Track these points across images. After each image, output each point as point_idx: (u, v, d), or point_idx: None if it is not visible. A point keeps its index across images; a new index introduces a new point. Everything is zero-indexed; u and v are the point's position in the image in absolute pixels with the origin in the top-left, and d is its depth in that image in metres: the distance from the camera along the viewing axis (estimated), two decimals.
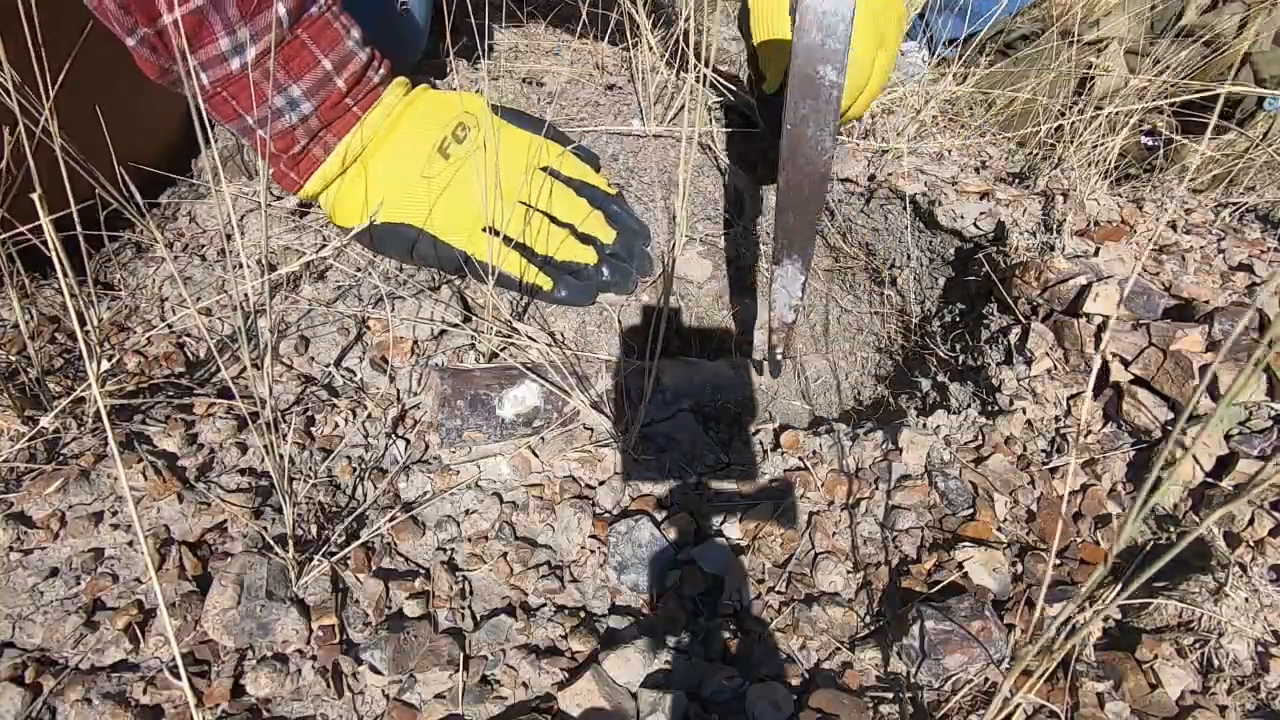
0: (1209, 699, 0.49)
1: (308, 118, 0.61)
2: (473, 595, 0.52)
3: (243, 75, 0.57)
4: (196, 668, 0.46)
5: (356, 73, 0.62)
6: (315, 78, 0.60)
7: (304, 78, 0.60)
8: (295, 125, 0.61)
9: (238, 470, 0.55)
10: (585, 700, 0.46)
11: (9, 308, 0.63)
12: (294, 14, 0.58)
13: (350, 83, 0.62)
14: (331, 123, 0.63)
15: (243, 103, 0.59)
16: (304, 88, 0.60)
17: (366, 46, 0.63)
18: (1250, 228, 0.85)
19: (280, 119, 0.60)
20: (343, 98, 0.62)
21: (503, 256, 0.65)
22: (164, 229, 0.74)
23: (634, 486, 0.59)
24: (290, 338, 0.63)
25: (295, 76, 0.59)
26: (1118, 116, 0.90)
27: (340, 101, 0.62)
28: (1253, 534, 0.57)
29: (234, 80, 0.57)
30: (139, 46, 0.54)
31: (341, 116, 0.63)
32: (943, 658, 0.49)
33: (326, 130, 0.63)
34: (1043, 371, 0.69)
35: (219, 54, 0.55)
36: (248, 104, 0.59)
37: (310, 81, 0.60)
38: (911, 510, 0.59)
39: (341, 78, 0.61)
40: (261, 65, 0.57)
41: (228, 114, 0.60)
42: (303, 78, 0.60)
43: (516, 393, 0.60)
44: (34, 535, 0.49)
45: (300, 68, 0.59)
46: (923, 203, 0.86)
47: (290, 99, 0.60)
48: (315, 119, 0.61)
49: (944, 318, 0.85)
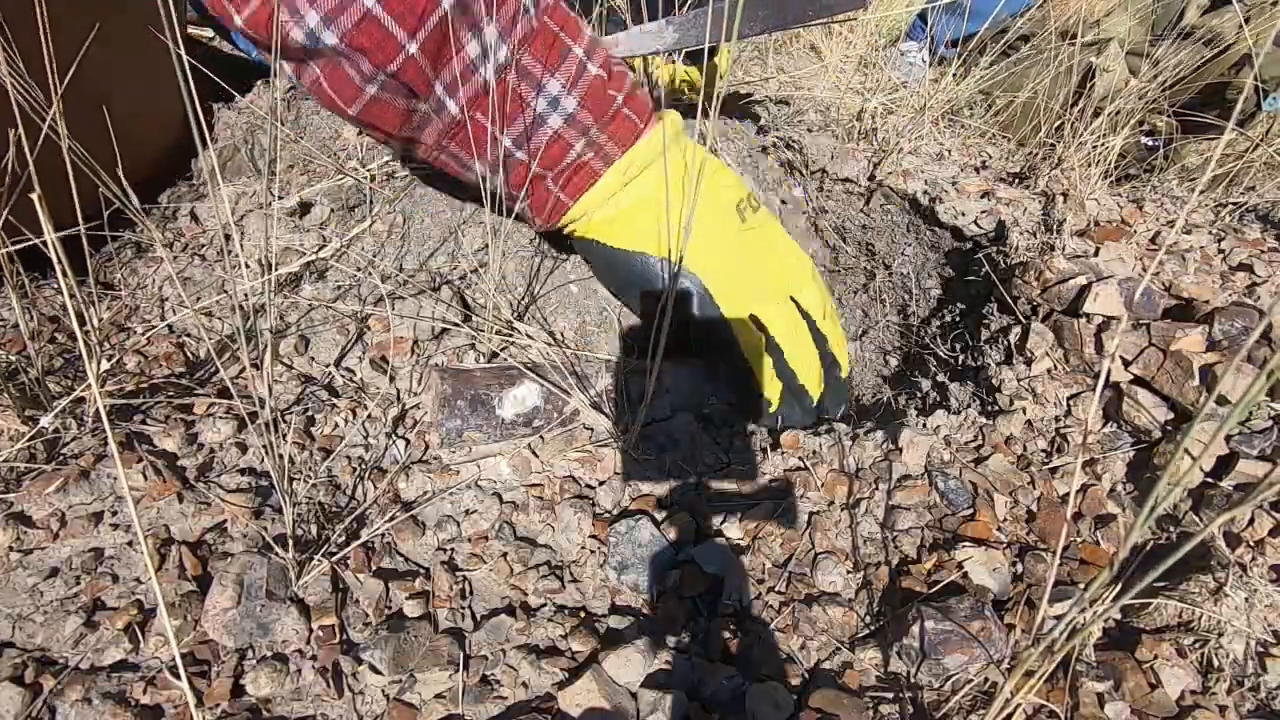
0: (1209, 699, 0.49)
1: (573, 115, 0.53)
2: (473, 595, 0.52)
3: (499, 83, 0.50)
4: (196, 668, 0.46)
5: (606, 60, 0.54)
6: (571, 68, 0.52)
7: (559, 69, 0.51)
8: (562, 128, 0.53)
9: (238, 470, 0.55)
10: (585, 700, 0.46)
11: (9, 308, 0.63)
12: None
13: (604, 67, 0.54)
14: (603, 120, 0.54)
15: (499, 121, 0.51)
16: (562, 80, 0.52)
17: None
18: (1250, 228, 0.85)
19: (542, 127, 0.52)
20: (605, 86, 0.54)
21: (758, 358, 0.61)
22: (164, 229, 0.74)
23: (634, 486, 0.59)
24: (290, 338, 0.63)
25: (551, 69, 0.51)
26: (1118, 116, 0.90)
27: (604, 92, 0.53)
28: (1253, 534, 0.57)
29: (488, 95, 0.50)
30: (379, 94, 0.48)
31: (613, 118, 0.54)
32: (943, 658, 0.49)
33: (600, 131, 0.54)
34: (1043, 371, 0.69)
35: (468, 64, 0.49)
36: (506, 121, 0.51)
37: (566, 74, 0.52)
38: (911, 510, 0.59)
39: (595, 63, 0.53)
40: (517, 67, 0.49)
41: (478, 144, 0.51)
42: (558, 69, 0.51)
43: (516, 393, 0.60)
44: (34, 535, 0.49)
45: (554, 58, 0.51)
46: (923, 201, 0.86)
47: (550, 97, 0.52)
48: (584, 115, 0.53)
49: (944, 318, 0.85)
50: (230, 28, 0.48)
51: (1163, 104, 1.04)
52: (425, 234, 0.73)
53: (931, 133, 0.96)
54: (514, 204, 0.56)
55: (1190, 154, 1.05)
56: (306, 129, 0.82)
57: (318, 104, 0.50)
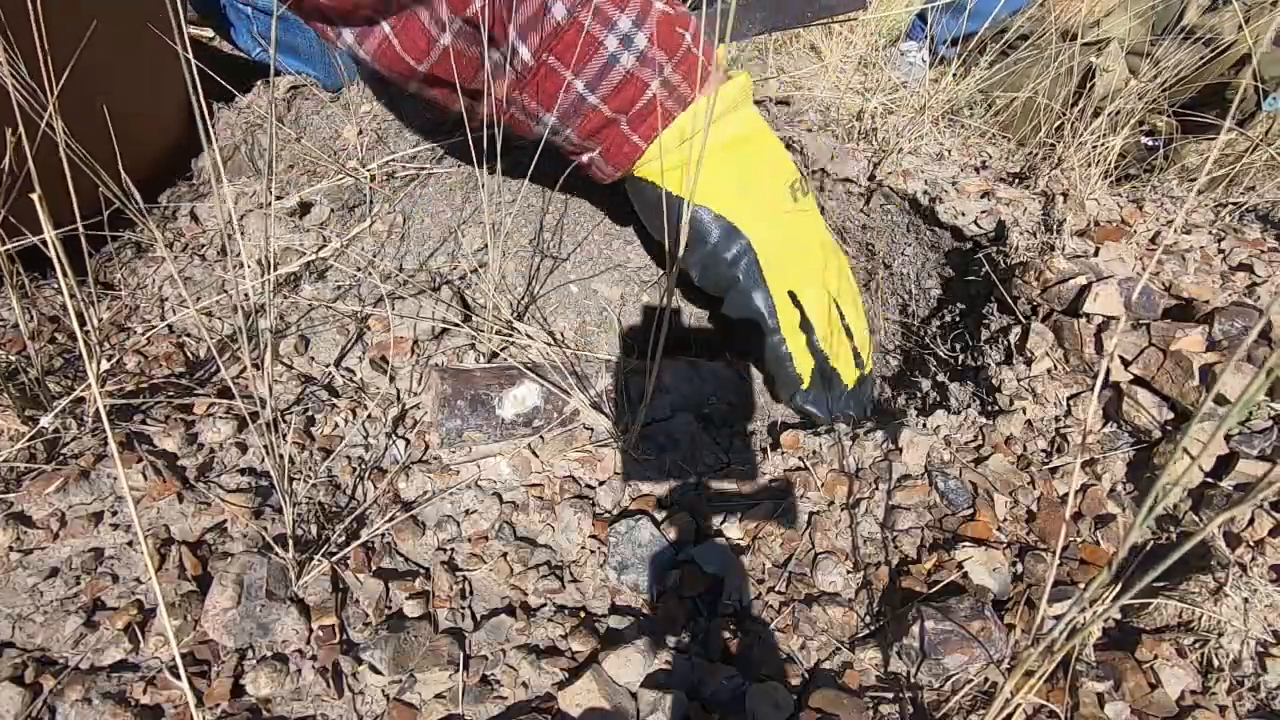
0: (1209, 699, 0.49)
1: (645, 53, 0.50)
2: (473, 595, 0.52)
3: (571, 26, 0.47)
4: (196, 668, 0.46)
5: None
6: (638, 3, 0.49)
7: (628, 5, 0.49)
8: (635, 67, 0.49)
9: (238, 470, 0.55)
10: (585, 700, 0.46)
11: (9, 308, 0.63)
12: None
13: (668, 2, 0.51)
14: (674, 58, 0.51)
15: (572, 63, 0.48)
16: (632, 17, 0.49)
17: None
18: (1250, 228, 0.85)
19: (614, 66, 0.49)
20: (672, 22, 0.51)
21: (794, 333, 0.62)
22: (164, 229, 0.74)
23: (634, 486, 0.59)
24: (290, 338, 0.63)
25: (620, 4, 0.48)
26: (1118, 116, 0.90)
27: (673, 30, 0.50)
28: (1253, 534, 0.57)
29: (561, 37, 0.47)
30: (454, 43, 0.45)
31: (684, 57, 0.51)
32: (943, 658, 0.49)
33: (674, 70, 0.51)
34: (1043, 371, 0.69)
35: (540, 4, 0.46)
36: (579, 63, 0.48)
37: (634, 9, 0.49)
38: (911, 510, 0.59)
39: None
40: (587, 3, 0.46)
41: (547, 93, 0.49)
42: (627, 5, 0.48)
43: (516, 393, 0.60)
44: (34, 535, 0.49)
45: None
46: (923, 201, 0.86)
47: (622, 34, 0.49)
48: (655, 51, 0.50)
49: (944, 318, 0.85)
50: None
51: (1163, 104, 1.04)
52: (425, 234, 0.73)
53: (931, 133, 0.96)
54: (581, 155, 0.54)
55: (1190, 154, 1.04)
56: (306, 129, 0.82)
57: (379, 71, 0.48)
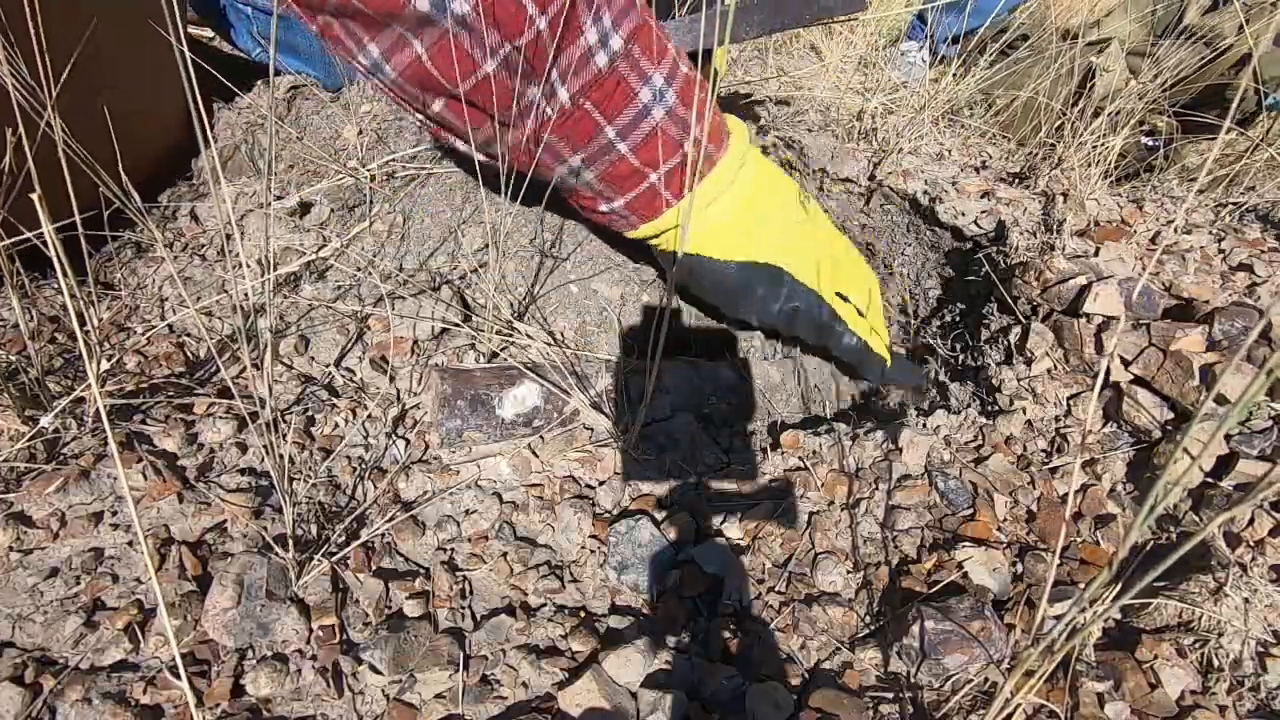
0: (1209, 699, 0.49)
1: (673, 109, 0.51)
2: (473, 595, 0.52)
3: (611, 74, 0.48)
4: (196, 668, 0.46)
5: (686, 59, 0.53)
6: (668, 63, 0.51)
7: (661, 62, 0.50)
8: (664, 121, 0.51)
9: (238, 470, 0.55)
10: (585, 700, 0.46)
11: (9, 308, 0.63)
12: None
13: (688, 66, 0.53)
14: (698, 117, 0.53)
15: (609, 109, 0.49)
16: (664, 73, 0.50)
17: None
18: (1250, 228, 0.85)
19: (645, 118, 0.50)
20: (692, 84, 0.52)
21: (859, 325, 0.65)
22: (164, 229, 0.74)
23: (634, 486, 0.59)
24: (290, 338, 0.63)
25: (654, 61, 0.49)
26: (1118, 116, 0.90)
27: (694, 90, 0.52)
28: (1253, 534, 0.57)
29: (600, 84, 0.48)
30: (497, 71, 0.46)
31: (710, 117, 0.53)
32: (943, 658, 0.49)
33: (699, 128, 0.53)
34: (1043, 371, 0.69)
35: (584, 50, 0.47)
36: (614, 111, 0.49)
37: (665, 67, 0.50)
38: (911, 510, 0.59)
39: (682, 62, 0.52)
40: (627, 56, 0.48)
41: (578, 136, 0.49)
42: (660, 62, 0.50)
43: (516, 393, 0.60)
44: (34, 535, 0.49)
45: (658, 51, 0.49)
46: (923, 201, 0.86)
47: (656, 89, 0.50)
48: (682, 109, 0.52)
49: (944, 317, 0.85)
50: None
51: (1163, 104, 1.04)
52: (425, 234, 0.73)
53: (931, 133, 0.96)
54: (599, 203, 0.54)
55: (1190, 154, 1.04)
56: (306, 129, 0.82)
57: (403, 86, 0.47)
